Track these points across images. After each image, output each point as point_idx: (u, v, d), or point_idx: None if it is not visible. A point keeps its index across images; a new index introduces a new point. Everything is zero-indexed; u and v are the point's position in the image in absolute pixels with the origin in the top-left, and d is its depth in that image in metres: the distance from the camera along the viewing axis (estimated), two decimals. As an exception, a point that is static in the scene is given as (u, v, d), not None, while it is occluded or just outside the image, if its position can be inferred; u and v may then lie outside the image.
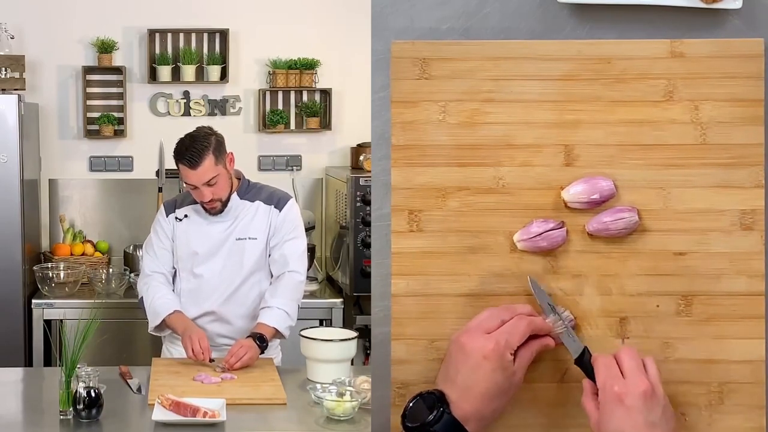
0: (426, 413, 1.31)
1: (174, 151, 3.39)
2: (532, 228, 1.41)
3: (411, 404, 1.33)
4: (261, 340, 3.30)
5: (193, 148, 3.32)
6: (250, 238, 3.46)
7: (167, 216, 3.55)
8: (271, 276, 3.50)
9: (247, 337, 3.33)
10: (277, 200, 3.51)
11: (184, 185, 3.49)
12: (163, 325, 3.47)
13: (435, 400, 1.32)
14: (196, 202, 3.48)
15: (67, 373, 2.76)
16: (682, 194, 1.40)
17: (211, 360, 3.28)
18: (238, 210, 3.48)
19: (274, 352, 3.57)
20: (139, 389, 3.10)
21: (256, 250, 3.46)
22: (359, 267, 4.49)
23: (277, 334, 3.38)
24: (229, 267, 3.47)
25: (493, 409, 1.33)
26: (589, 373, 1.34)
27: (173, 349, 3.57)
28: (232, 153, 3.44)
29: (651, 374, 1.30)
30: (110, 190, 5.12)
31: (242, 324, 3.47)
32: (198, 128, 3.46)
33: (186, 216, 3.51)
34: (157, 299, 3.47)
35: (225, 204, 3.44)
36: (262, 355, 3.38)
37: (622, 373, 1.29)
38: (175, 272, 3.57)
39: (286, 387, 3.10)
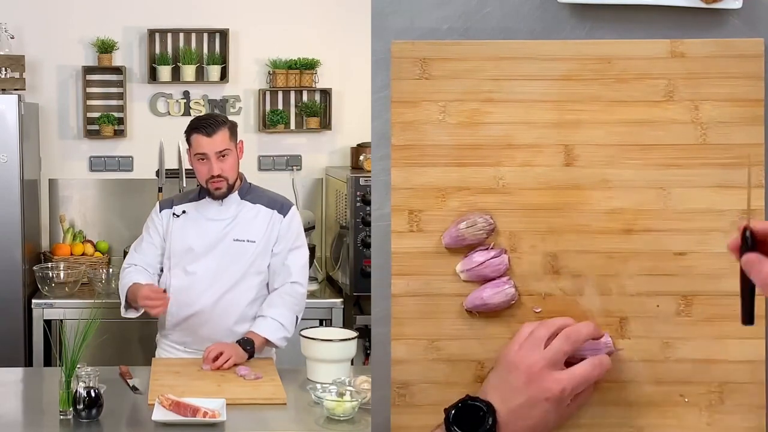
0: (472, 422, 1.31)
1: (189, 126, 3.39)
2: (474, 257, 1.41)
3: (459, 405, 1.33)
4: (246, 344, 3.28)
5: (211, 119, 3.40)
6: (248, 241, 3.43)
7: (161, 211, 3.51)
8: (268, 285, 3.47)
9: (236, 342, 3.32)
10: (280, 205, 3.49)
11: (194, 156, 3.40)
12: (128, 304, 3.42)
13: (485, 411, 1.32)
14: (197, 200, 3.46)
15: (67, 373, 2.76)
16: (682, 194, 1.40)
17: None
18: (238, 210, 3.45)
19: (268, 351, 3.53)
20: (138, 389, 3.10)
21: (254, 254, 3.42)
22: (359, 267, 4.49)
23: (269, 343, 3.37)
24: (224, 267, 3.42)
25: None
26: None
27: (165, 352, 3.55)
28: (242, 141, 3.46)
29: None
30: (110, 190, 5.12)
31: (232, 327, 3.43)
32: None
33: (184, 212, 3.48)
34: (123, 281, 3.45)
35: (230, 189, 3.41)
36: (261, 355, 3.38)
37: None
38: (162, 270, 3.51)
39: (286, 387, 3.09)
